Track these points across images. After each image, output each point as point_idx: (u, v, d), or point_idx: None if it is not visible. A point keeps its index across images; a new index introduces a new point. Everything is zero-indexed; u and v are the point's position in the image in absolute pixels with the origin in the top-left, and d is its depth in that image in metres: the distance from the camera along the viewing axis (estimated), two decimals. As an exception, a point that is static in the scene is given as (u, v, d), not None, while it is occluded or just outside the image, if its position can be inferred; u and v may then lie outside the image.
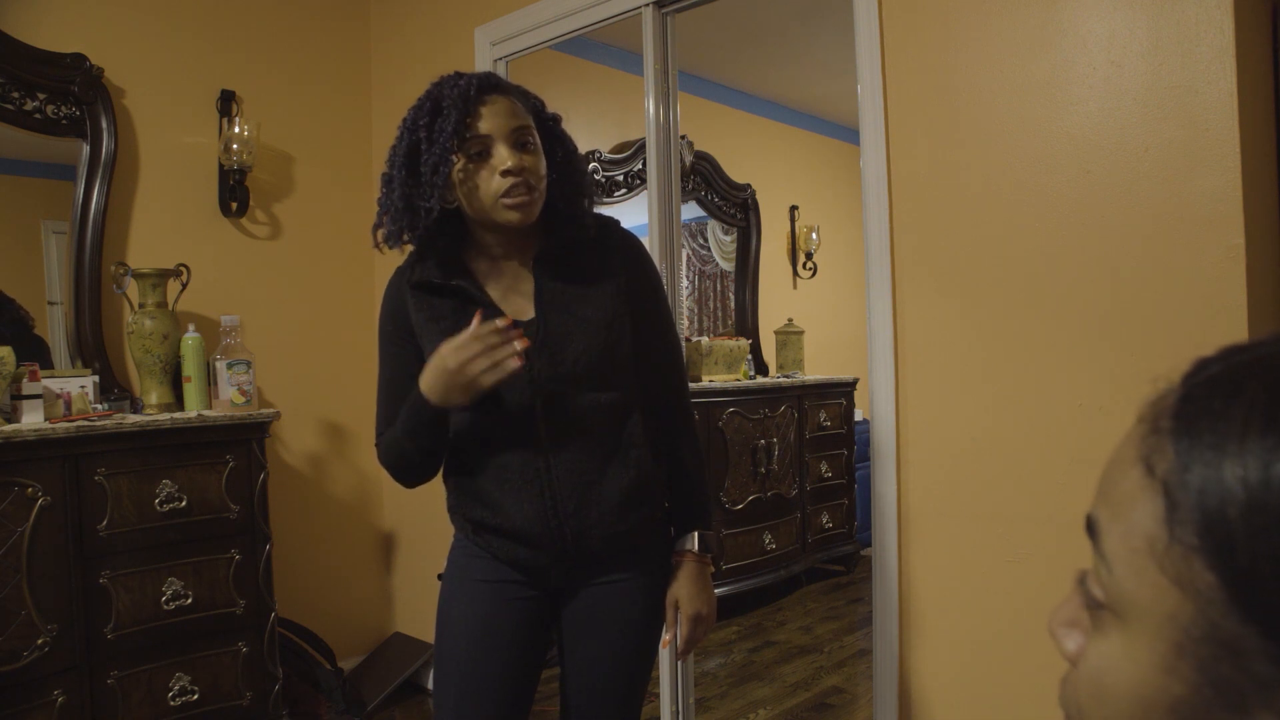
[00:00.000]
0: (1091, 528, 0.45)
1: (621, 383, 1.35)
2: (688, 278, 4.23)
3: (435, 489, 1.46)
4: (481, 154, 1.25)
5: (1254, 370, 0.40)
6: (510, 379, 1.24)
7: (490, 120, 1.25)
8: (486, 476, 1.33)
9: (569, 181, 1.36)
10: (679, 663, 2.26)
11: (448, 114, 1.23)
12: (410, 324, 1.36)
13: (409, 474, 1.37)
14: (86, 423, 2.06)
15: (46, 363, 2.36)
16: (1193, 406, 0.41)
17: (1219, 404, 0.39)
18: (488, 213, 1.28)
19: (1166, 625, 0.40)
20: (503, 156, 1.24)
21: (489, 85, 1.26)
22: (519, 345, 1.19)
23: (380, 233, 1.32)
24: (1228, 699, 0.38)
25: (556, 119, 1.38)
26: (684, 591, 1.40)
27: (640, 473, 1.35)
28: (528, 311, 1.33)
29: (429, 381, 1.23)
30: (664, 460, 1.43)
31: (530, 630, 1.40)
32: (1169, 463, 0.40)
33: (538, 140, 1.30)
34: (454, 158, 1.24)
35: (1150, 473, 0.41)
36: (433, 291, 1.34)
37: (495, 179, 1.25)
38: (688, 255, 4.26)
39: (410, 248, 1.36)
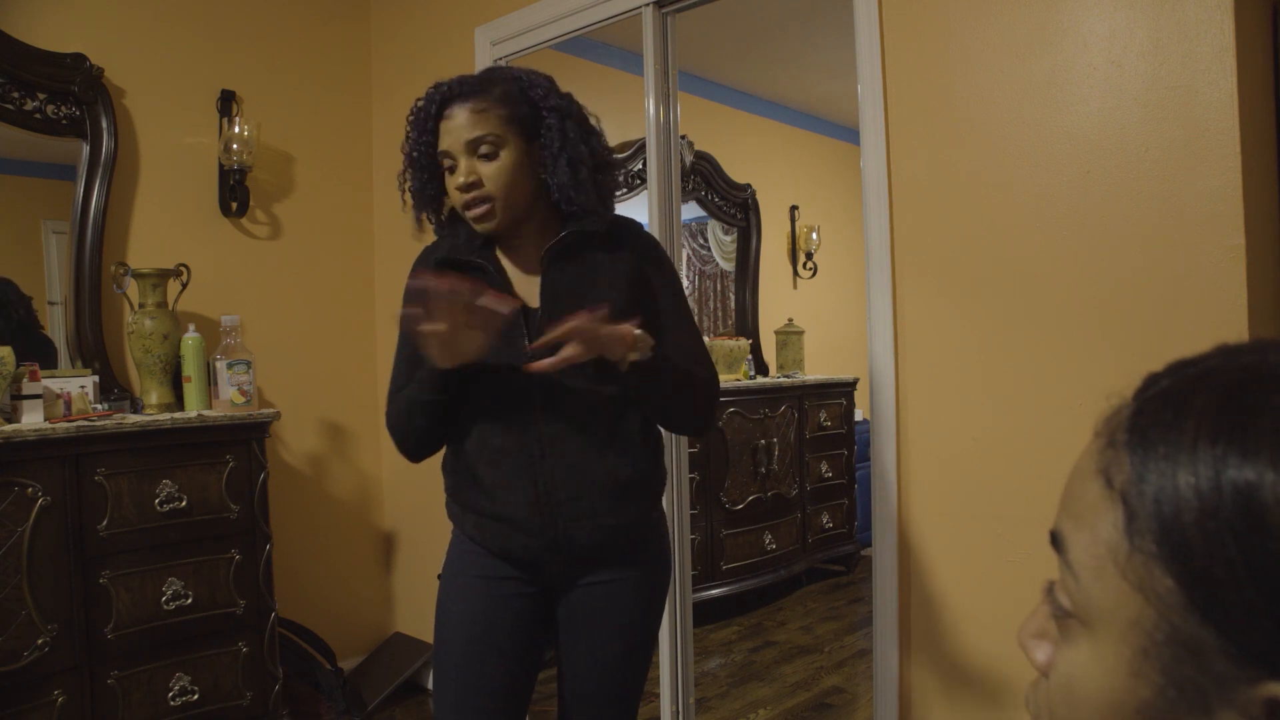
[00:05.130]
0: (1056, 540, 0.47)
1: (623, 376, 1.35)
2: (688, 278, 4.23)
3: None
4: (451, 169, 1.31)
5: (1201, 383, 0.42)
6: (514, 362, 1.29)
7: (447, 137, 1.30)
8: (483, 461, 1.35)
9: (571, 172, 1.32)
10: (679, 659, 2.26)
11: (417, 137, 1.31)
12: None
13: (409, 434, 1.38)
14: (86, 423, 2.06)
15: (52, 364, 2.37)
16: (1145, 420, 0.43)
17: (1170, 416, 0.42)
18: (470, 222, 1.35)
19: (1131, 630, 0.41)
20: (458, 171, 1.30)
21: (451, 97, 1.30)
22: (502, 308, 1.19)
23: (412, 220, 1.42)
24: (1191, 699, 0.40)
25: (560, 109, 1.33)
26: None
27: (635, 469, 1.35)
28: (535, 300, 1.35)
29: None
30: (662, 458, 1.43)
31: (527, 627, 1.40)
32: (1126, 474, 0.42)
33: (502, 141, 1.29)
34: (425, 175, 1.34)
35: (1109, 484, 0.43)
36: (455, 267, 1.38)
37: (456, 192, 1.31)
38: (688, 255, 4.26)
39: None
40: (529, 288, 1.37)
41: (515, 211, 1.33)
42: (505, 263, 1.40)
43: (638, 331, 1.25)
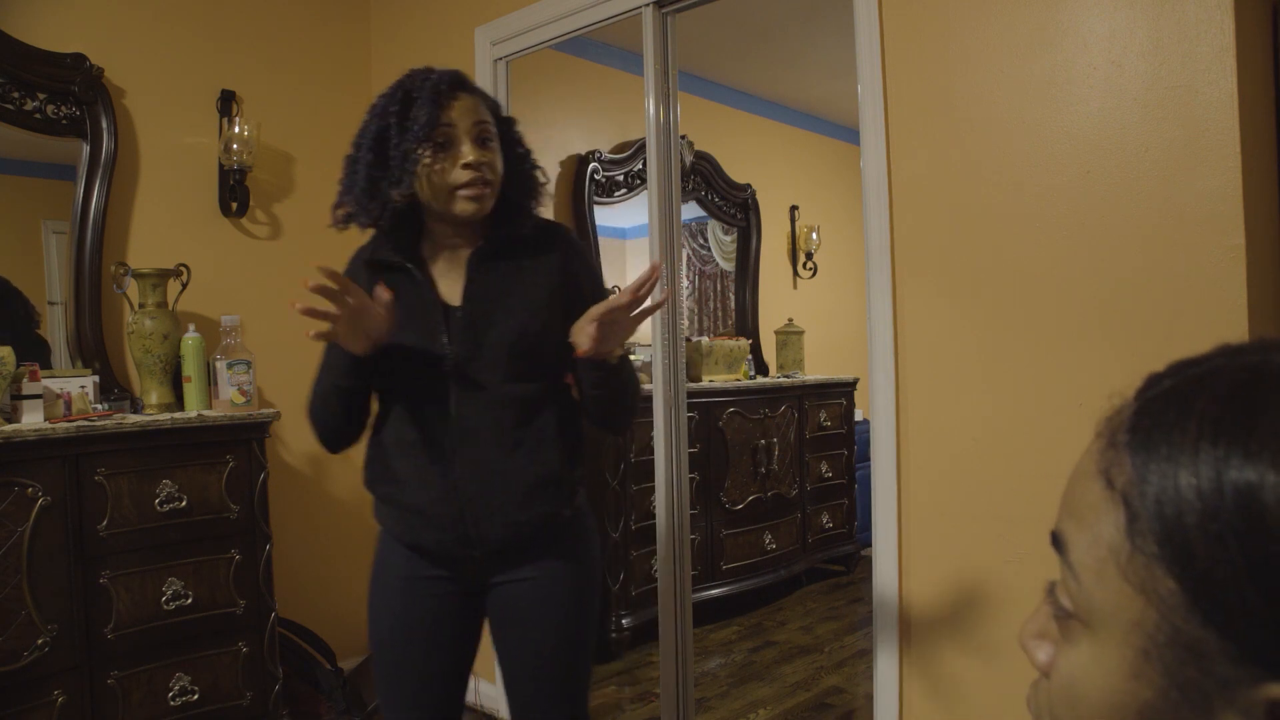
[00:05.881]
0: (1057, 541, 0.47)
1: (541, 376, 1.39)
2: (688, 278, 4.23)
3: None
4: (445, 145, 1.32)
5: (1203, 384, 0.42)
6: (431, 358, 1.34)
7: (457, 114, 1.32)
8: (397, 453, 1.39)
9: (521, 182, 1.44)
10: (679, 659, 2.26)
11: (420, 106, 1.30)
12: None
13: (326, 421, 1.40)
14: (86, 423, 2.06)
15: (46, 362, 2.36)
16: (1147, 420, 0.43)
17: (1172, 417, 0.41)
18: (444, 203, 1.35)
19: (1132, 632, 0.41)
20: (466, 150, 1.32)
21: (458, 83, 1.35)
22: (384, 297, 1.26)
23: (340, 212, 1.40)
24: (1193, 701, 0.40)
25: (513, 121, 1.45)
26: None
27: (546, 469, 1.37)
28: (457, 299, 1.39)
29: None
30: (580, 456, 1.46)
31: (451, 624, 1.43)
32: (1127, 475, 0.42)
33: (496, 137, 1.38)
34: (421, 148, 1.32)
35: (1110, 485, 0.43)
36: (384, 269, 1.41)
37: (456, 170, 1.32)
38: (688, 255, 4.26)
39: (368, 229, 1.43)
40: (454, 287, 1.40)
41: (494, 203, 1.39)
42: (434, 262, 1.42)
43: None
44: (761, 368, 4.36)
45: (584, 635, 1.46)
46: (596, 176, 3.55)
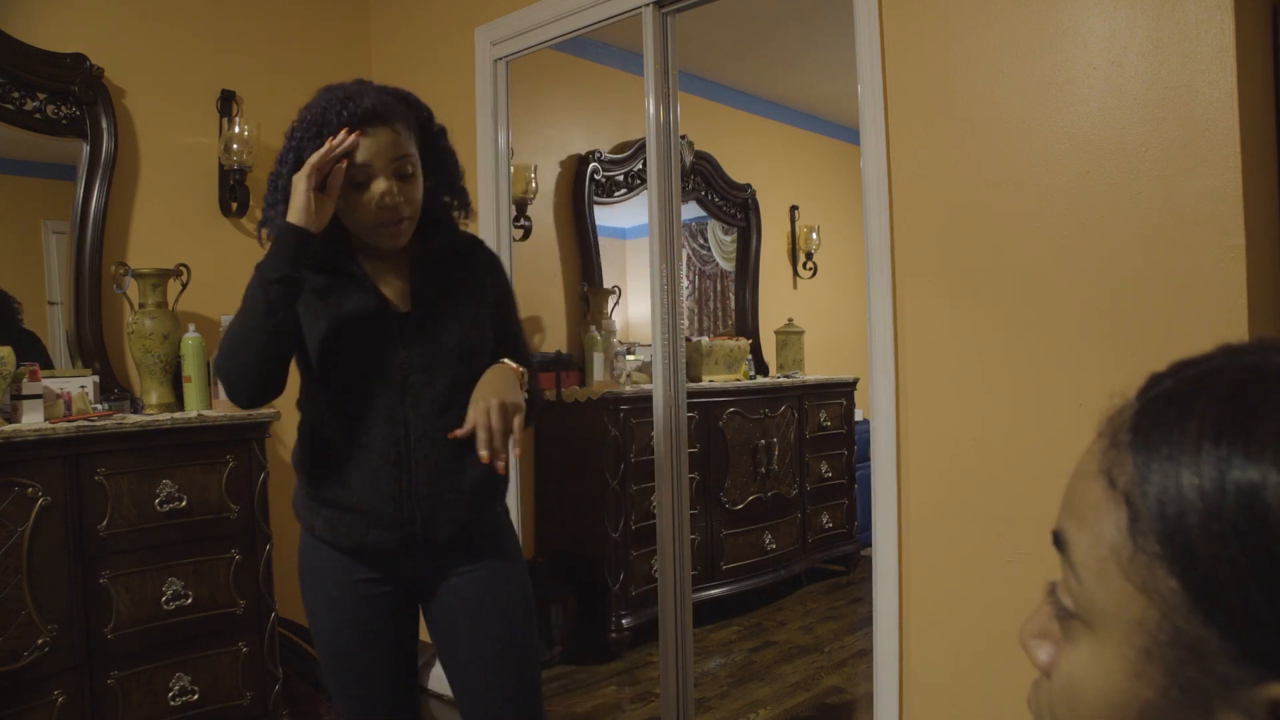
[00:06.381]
0: (1059, 540, 0.47)
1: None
2: (688, 278, 4.23)
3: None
4: (362, 184, 1.31)
5: (1204, 383, 0.42)
6: (384, 363, 1.35)
7: (371, 151, 1.30)
8: (346, 455, 1.38)
9: (447, 192, 1.46)
10: (679, 659, 2.25)
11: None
12: None
13: (249, 348, 1.30)
14: (86, 423, 2.06)
15: (39, 358, 2.36)
16: (1149, 420, 0.43)
17: (1173, 417, 0.41)
18: (363, 234, 1.37)
19: (1134, 631, 0.41)
20: (380, 189, 1.31)
21: (372, 115, 1.30)
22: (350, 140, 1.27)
23: (265, 231, 1.40)
24: (1194, 700, 0.40)
25: (441, 131, 1.44)
26: (481, 383, 1.35)
27: (490, 469, 1.39)
28: (405, 306, 1.41)
29: (293, 199, 1.29)
30: None
31: (393, 622, 1.45)
32: (1129, 475, 0.42)
33: (417, 163, 1.36)
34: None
35: (1112, 485, 0.43)
36: (320, 271, 1.40)
37: (373, 208, 1.32)
38: (688, 255, 4.26)
39: None
40: (397, 292, 1.42)
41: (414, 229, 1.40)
42: (370, 267, 1.42)
43: (520, 370, 1.39)
44: (761, 368, 4.36)
45: (531, 629, 1.49)
46: (596, 176, 3.55)
